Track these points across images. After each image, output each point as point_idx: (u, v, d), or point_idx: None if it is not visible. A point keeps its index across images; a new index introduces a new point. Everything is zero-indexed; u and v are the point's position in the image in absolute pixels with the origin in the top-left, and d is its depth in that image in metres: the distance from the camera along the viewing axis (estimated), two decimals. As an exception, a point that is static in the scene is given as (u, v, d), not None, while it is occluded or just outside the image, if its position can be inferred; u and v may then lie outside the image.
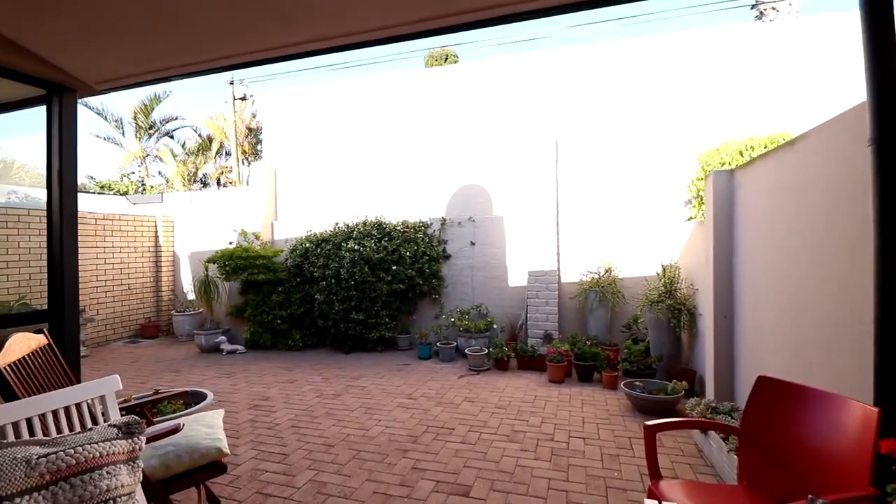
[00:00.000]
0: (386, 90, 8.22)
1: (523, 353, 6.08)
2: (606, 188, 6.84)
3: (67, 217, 2.86)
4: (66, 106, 2.85)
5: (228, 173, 12.36)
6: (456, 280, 7.47)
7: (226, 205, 9.34)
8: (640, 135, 6.78)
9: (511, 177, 7.32)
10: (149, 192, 13.04)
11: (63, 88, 2.83)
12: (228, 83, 10.79)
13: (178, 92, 32.80)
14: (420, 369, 6.21)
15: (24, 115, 3.17)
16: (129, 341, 8.65)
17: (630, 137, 6.81)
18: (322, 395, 5.18)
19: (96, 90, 2.93)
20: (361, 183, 8.29)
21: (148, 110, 12.33)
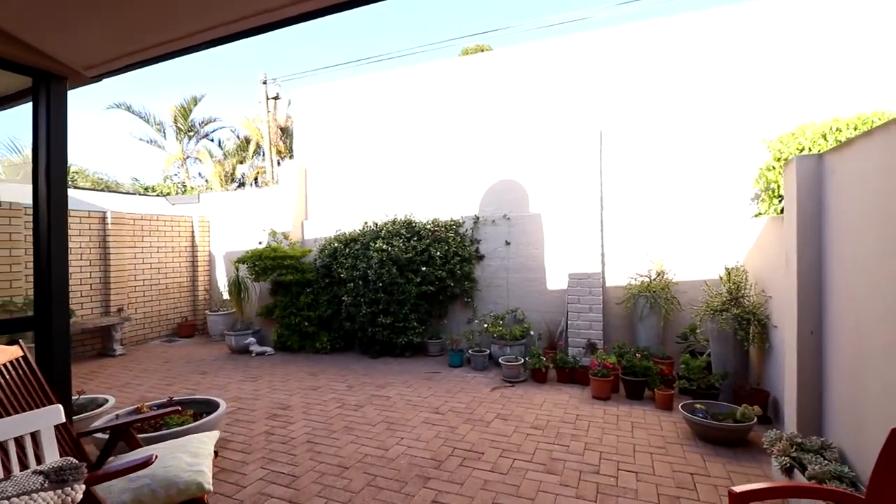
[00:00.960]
0: (417, 83, 7.83)
1: (563, 365, 5.51)
2: (657, 181, 6.13)
3: (56, 216, 2.62)
4: (55, 96, 2.62)
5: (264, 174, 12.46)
6: (489, 282, 6.98)
7: (258, 204, 9.29)
8: (696, 121, 6.02)
9: (549, 171, 6.74)
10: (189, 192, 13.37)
11: (51, 77, 2.59)
12: (262, 83, 10.79)
13: (216, 94, 34.03)
14: (450, 379, 5.77)
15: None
16: (166, 340, 8.75)
17: (683, 125, 6.07)
18: (344, 405, 4.85)
19: (87, 77, 2.69)
20: (391, 180, 7.95)
21: (186, 112, 12.65)
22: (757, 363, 4.74)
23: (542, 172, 6.79)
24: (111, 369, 6.62)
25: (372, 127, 8.19)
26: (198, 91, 11.96)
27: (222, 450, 3.80)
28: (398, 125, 7.94)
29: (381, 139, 8.09)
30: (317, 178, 8.72)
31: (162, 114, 13.59)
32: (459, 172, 7.37)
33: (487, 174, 7.16)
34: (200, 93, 12.21)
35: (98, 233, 7.81)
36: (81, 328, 7.21)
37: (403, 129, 7.89)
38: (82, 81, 2.75)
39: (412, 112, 7.83)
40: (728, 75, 5.93)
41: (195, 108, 12.58)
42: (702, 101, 6.02)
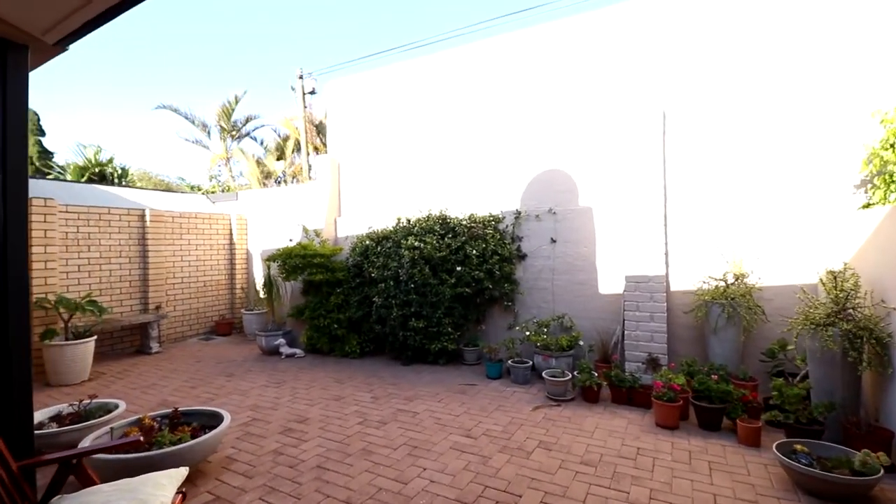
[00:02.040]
0: (453, 68, 7.22)
1: (619, 383, 4.71)
2: (734, 167, 5.16)
3: (13, 206, 2.24)
4: (13, 67, 2.24)
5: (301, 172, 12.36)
6: (532, 284, 6.25)
7: (293, 201, 9.06)
8: (781, 94, 4.98)
9: (602, 159, 5.91)
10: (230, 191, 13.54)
11: (7, 44, 2.22)
12: (298, 77, 10.61)
13: (260, 93, 35.01)
14: (486, 393, 5.13)
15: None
16: (204, 338, 8.70)
17: (765, 99, 5.05)
18: (366, 420, 4.34)
19: (49, 45, 2.29)
20: (425, 173, 7.39)
21: (229, 111, 12.80)
22: (872, 392, 3.76)
23: (593, 161, 5.97)
24: (143, 367, 6.53)
25: (406, 116, 7.67)
26: (239, 90, 12.11)
27: (225, 470, 3.39)
28: (433, 113, 7.36)
29: (416, 129, 7.55)
30: (350, 172, 8.33)
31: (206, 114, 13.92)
32: (499, 163, 6.69)
33: (530, 164, 6.42)
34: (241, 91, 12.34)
35: (137, 230, 7.83)
36: (120, 325, 7.22)
37: (439, 117, 7.30)
38: (47, 51, 2.37)
39: (448, 99, 7.23)
40: (821, 36, 4.85)
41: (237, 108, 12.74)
42: (788, 71, 4.98)
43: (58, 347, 5.60)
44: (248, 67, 45.55)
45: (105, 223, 7.38)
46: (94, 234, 7.23)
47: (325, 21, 50.91)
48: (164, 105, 12.52)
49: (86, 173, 14.76)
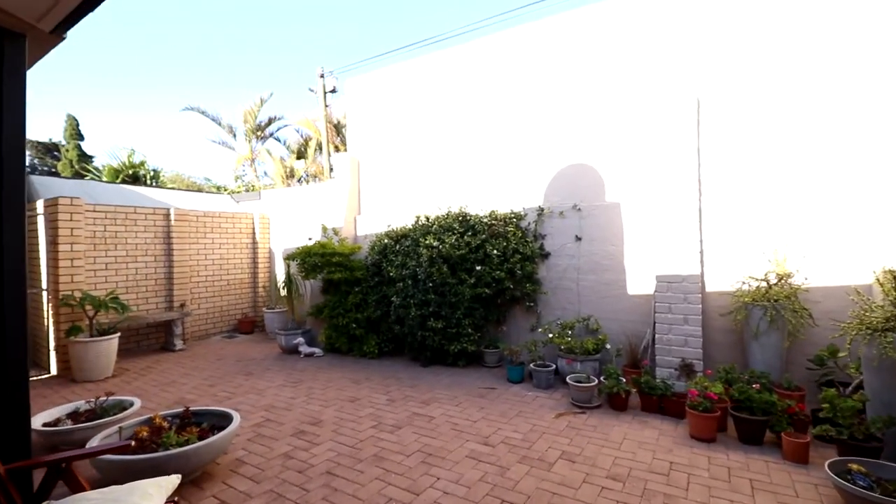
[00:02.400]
0: (472, 61, 7.00)
1: (650, 390, 4.40)
2: (777, 158, 4.76)
3: (10, 199, 2.17)
4: (11, 58, 2.18)
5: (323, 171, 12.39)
6: (556, 284, 5.97)
7: (314, 200, 9.04)
8: (831, 77, 4.55)
9: (630, 151, 5.58)
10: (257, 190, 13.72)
11: (4, 34, 2.15)
12: (319, 76, 10.61)
13: (284, 93, 35.63)
14: (507, 397, 4.90)
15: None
16: (227, 336, 8.77)
17: (812, 82, 4.63)
18: (380, 424, 4.18)
19: (46, 32, 2.22)
20: (445, 169, 7.21)
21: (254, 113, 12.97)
22: (944, 407, 3.34)
23: (620, 154, 5.65)
24: (166, 364, 6.59)
25: (425, 112, 7.50)
26: (265, 92, 12.29)
27: (233, 474, 3.28)
28: (453, 108, 7.17)
29: (435, 124, 7.37)
30: (370, 170, 8.23)
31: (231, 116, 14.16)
32: (521, 158, 6.43)
33: (554, 158, 6.14)
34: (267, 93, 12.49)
35: (162, 229, 7.94)
36: (145, 322, 7.33)
37: (459, 111, 7.10)
38: (45, 41, 2.30)
39: (468, 93, 7.02)
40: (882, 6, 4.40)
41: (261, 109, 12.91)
42: (838, 49, 4.54)
43: (82, 344, 5.69)
44: (272, 69, 46.98)
45: (131, 222, 7.51)
46: (120, 233, 7.36)
47: (346, 21, 51.89)
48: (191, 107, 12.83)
49: (120, 175, 15.24)
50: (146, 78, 44.94)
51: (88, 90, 43.66)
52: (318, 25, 50.88)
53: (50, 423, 3.79)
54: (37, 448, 3.74)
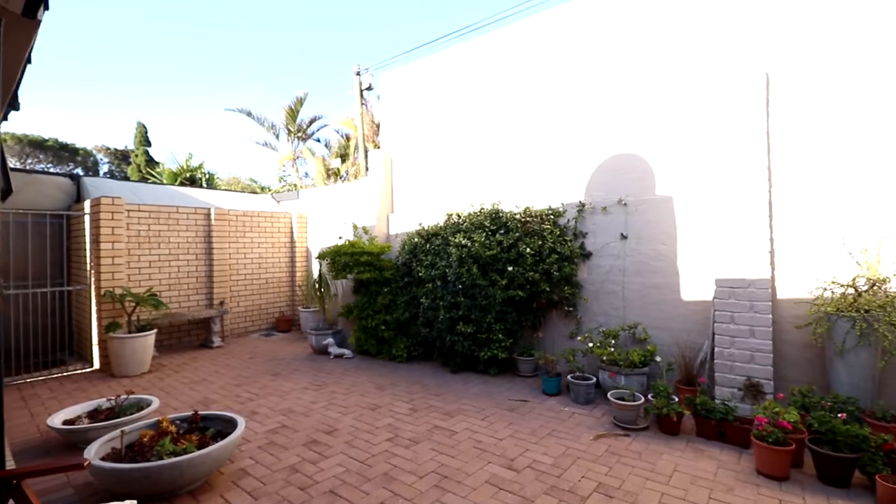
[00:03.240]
0: (506, 48, 6.54)
1: (707, 413, 3.78)
2: (866, 141, 3.96)
3: None
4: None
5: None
6: (598, 288, 5.40)
7: (349, 198, 8.94)
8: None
9: (684, 138, 4.92)
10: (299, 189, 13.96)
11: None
12: (355, 74, 10.54)
13: (323, 95, 36.66)
14: (539, 412, 4.43)
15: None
16: (265, 334, 8.85)
17: None
18: (396, 437, 3.87)
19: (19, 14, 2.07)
20: (478, 164, 6.80)
21: (294, 113, 13.19)
22: None
23: (672, 141, 5.00)
24: (201, 361, 6.67)
25: (457, 104, 7.13)
26: (301, 91, 12.52)
27: (233, 486, 3.08)
28: (486, 99, 6.75)
29: (467, 117, 6.98)
30: (403, 167, 7.98)
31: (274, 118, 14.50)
32: (559, 149, 5.90)
33: (596, 149, 5.57)
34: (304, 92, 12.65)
35: (203, 228, 8.11)
36: (186, 319, 7.49)
37: (492, 102, 6.67)
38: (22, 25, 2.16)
39: (501, 82, 6.57)
40: None
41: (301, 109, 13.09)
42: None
43: (120, 340, 5.83)
44: (314, 70, 49.21)
45: (174, 221, 7.71)
46: (163, 232, 7.57)
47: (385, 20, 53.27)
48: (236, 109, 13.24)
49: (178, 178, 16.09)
50: (202, 85, 48.48)
51: (158, 98, 47.58)
52: (358, 31, 52.70)
53: (70, 420, 3.79)
54: (57, 446, 3.76)
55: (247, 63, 56.49)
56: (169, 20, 61.23)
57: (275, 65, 56.24)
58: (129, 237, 7.09)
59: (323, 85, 49.01)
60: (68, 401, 4.89)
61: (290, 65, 54.75)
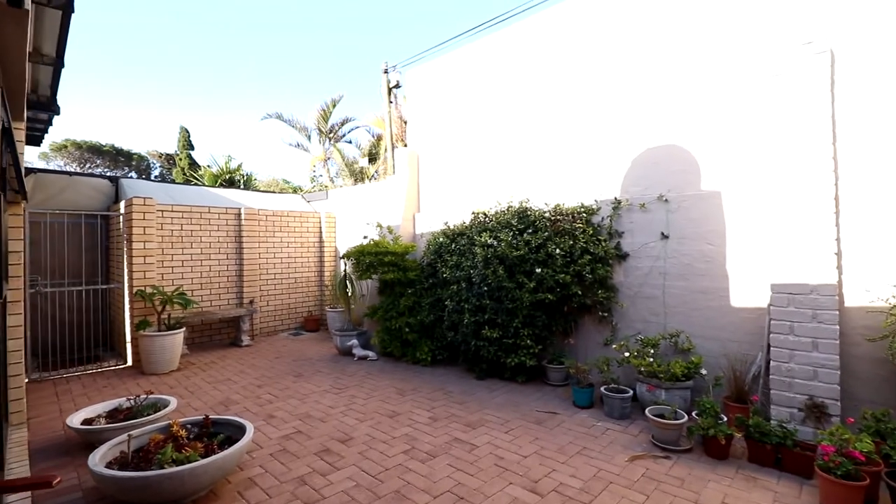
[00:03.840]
0: (535, 37, 6.18)
1: (761, 436, 3.33)
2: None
3: None
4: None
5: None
6: (636, 292, 4.98)
7: (376, 198, 8.82)
8: None
9: (734, 126, 4.43)
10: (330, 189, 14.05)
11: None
12: (383, 72, 10.43)
13: (354, 95, 37.14)
14: (569, 426, 4.09)
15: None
16: (293, 333, 8.88)
17: None
18: (413, 449, 3.64)
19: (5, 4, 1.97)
20: (506, 160, 6.47)
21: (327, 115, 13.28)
22: None
23: (720, 130, 4.52)
24: (228, 360, 6.70)
25: (484, 98, 6.83)
26: (336, 94, 12.59)
27: (238, 498, 2.94)
28: (514, 91, 6.41)
29: (494, 111, 6.67)
30: (430, 165, 7.76)
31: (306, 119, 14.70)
32: (592, 142, 5.50)
33: (634, 140, 5.14)
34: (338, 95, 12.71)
35: (234, 228, 8.20)
36: (218, 317, 7.58)
37: (520, 94, 6.33)
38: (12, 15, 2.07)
39: (530, 73, 6.21)
40: None
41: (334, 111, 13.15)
42: None
43: (149, 337, 5.91)
44: (347, 71, 50.46)
45: (205, 221, 7.83)
46: (195, 232, 7.70)
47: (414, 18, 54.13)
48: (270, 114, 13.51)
49: (218, 179, 16.61)
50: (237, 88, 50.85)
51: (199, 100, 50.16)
52: (391, 30, 53.80)
53: (90, 419, 3.80)
54: (77, 445, 3.77)
55: (280, 65, 59.13)
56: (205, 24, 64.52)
57: (308, 67, 58.55)
58: (163, 237, 7.24)
59: (356, 86, 50.19)
60: (97, 397, 4.98)
61: (322, 66, 56.83)
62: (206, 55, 61.87)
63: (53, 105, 6.10)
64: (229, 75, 59.05)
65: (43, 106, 6.01)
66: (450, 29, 42.55)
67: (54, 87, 5.65)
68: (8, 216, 3.62)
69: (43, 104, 5.97)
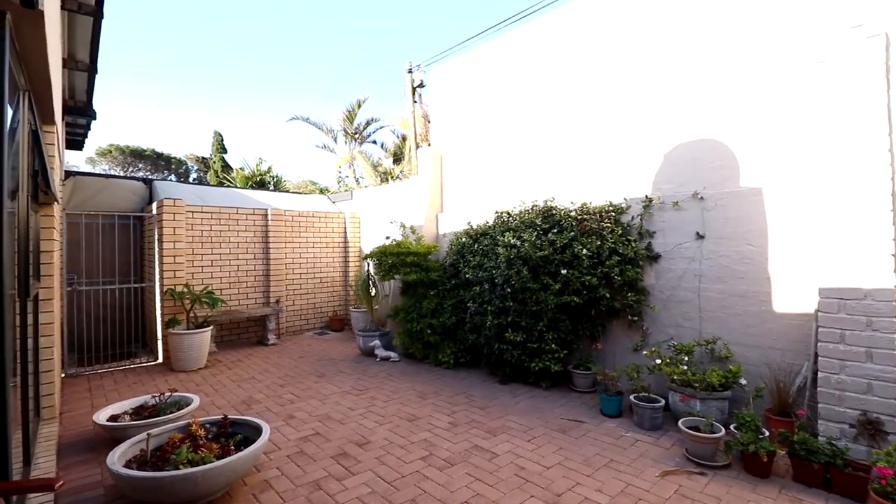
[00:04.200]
0: (557, 30, 5.97)
1: (808, 454, 3.06)
2: None
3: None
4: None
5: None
6: (668, 295, 4.72)
7: (398, 198, 8.79)
8: None
9: (776, 119, 4.11)
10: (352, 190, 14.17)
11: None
12: (407, 71, 10.40)
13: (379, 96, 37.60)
14: (596, 436, 3.89)
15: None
16: (319, 333, 8.95)
17: None
18: (431, 456, 3.54)
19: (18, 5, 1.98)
20: (531, 157, 6.29)
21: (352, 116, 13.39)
22: None
23: (760, 123, 4.21)
24: (254, 359, 6.79)
25: (508, 94, 6.67)
26: (362, 95, 12.75)
27: (252, 501, 2.91)
28: (538, 86, 6.22)
29: (520, 108, 6.49)
30: (453, 164, 7.65)
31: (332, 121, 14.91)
32: (620, 138, 5.26)
33: (665, 135, 4.87)
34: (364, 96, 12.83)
35: (261, 229, 8.34)
36: (245, 316, 7.72)
37: (545, 89, 6.13)
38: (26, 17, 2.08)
39: (556, 67, 6.01)
40: None
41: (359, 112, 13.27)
42: None
43: (178, 336, 6.05)
44: (373, 73, 51.42)
45: (234, 222, 7.98)
46: (224, 232, 7.86)
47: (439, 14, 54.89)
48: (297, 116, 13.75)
49: (249, 181, 17.03)
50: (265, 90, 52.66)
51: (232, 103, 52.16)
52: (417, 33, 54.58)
53: (116, 416, 3.88)
54: (103, 441, 3.85)
55: (308, 68, 61.01)
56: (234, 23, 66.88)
57: (334, 69, 60.18)
58: (193, 237, 7.41)
59: (381, 87, 50.92)
60: (127, 393, 5.11)
61: (348, 68, 58.30)
62: (235, 57, 64.35)
63: (90, 110, 6.32)
64: (258, 77, 61.27)
65: (80, 111, 6.23)
66: (476, 26, 42.48)
67: (90, 92, 5.85)
68: (40, 217, 3.73)
69: (80, 109, 6.20)
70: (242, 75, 61.92)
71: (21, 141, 2.92)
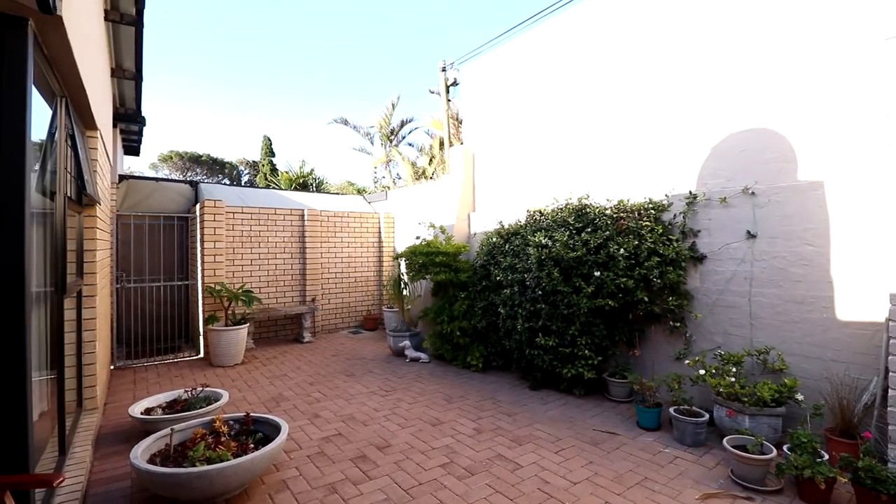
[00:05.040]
0: (592, 19, 5.66)
1: (875, 483, 2.67)
2: None
3: (4, 207, 1.99)
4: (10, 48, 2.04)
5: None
6: (715, 300, 4.34)
7: (430, 197, 8.72)
8: None
9: (837, 102, 3.66)
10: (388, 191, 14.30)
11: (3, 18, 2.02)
12: (441, 70, 10.30)
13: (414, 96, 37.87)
14: (630, 450, 3.63)
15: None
16: (353, 331, 9.05)
17: None
18: (451, 464, 3.41)
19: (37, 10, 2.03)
20: (564, 153, 6.02)
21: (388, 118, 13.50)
22: None
23: (819, 110, 3.76)
24: (289, 356, 6.93)
25: (542, 89, 6.41)
26: (394, 96, 12.93)
27: (268, 501, 2.90)
28: (573, 79, 5.93)
29: (553, 102, 6.23)
30: (486, 162, 7.49)
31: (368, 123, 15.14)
32: (660, 130, 4.90)
33: (711, 126, 4.49)
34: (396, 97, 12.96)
35: (298, 229, 8.53)
36: (283, 314, 7.92)
37: (579, 82, 5.84)
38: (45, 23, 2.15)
39: (591, 57, 5.70)
40: None
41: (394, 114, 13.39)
42: None
43: (217, 332, 6.27)
44: (408, 74, 52.22)
45: (272, 222, 8.22)
46: (263, 232, 8.10)
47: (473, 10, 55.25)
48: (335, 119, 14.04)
49: (293, 183, 17.61)
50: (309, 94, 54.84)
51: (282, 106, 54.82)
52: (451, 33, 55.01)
53: (150, 409, 4.02)
54: (139, 433, 4.00)
55: (344, 70, 63.00)
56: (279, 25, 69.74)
57: (369, 70, 61.80)
58: (234, 237, 7.69)
59: (415, 87, 51.67)
60: (168, 386, 5.33)
61: (384, 69, 59.68)
62: (281, 60, 67.26)
63: (139, 117, 6.66)
64: (303, 80, 63.78)
65: (130, 118, 6.59)
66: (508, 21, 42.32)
67: (138, 100, 6.16)
68: (84, 217, 3.93)
69: (130, 116, 6.55)
70: (287, 78, 64.65)
71: (59, 145, 3.07)
